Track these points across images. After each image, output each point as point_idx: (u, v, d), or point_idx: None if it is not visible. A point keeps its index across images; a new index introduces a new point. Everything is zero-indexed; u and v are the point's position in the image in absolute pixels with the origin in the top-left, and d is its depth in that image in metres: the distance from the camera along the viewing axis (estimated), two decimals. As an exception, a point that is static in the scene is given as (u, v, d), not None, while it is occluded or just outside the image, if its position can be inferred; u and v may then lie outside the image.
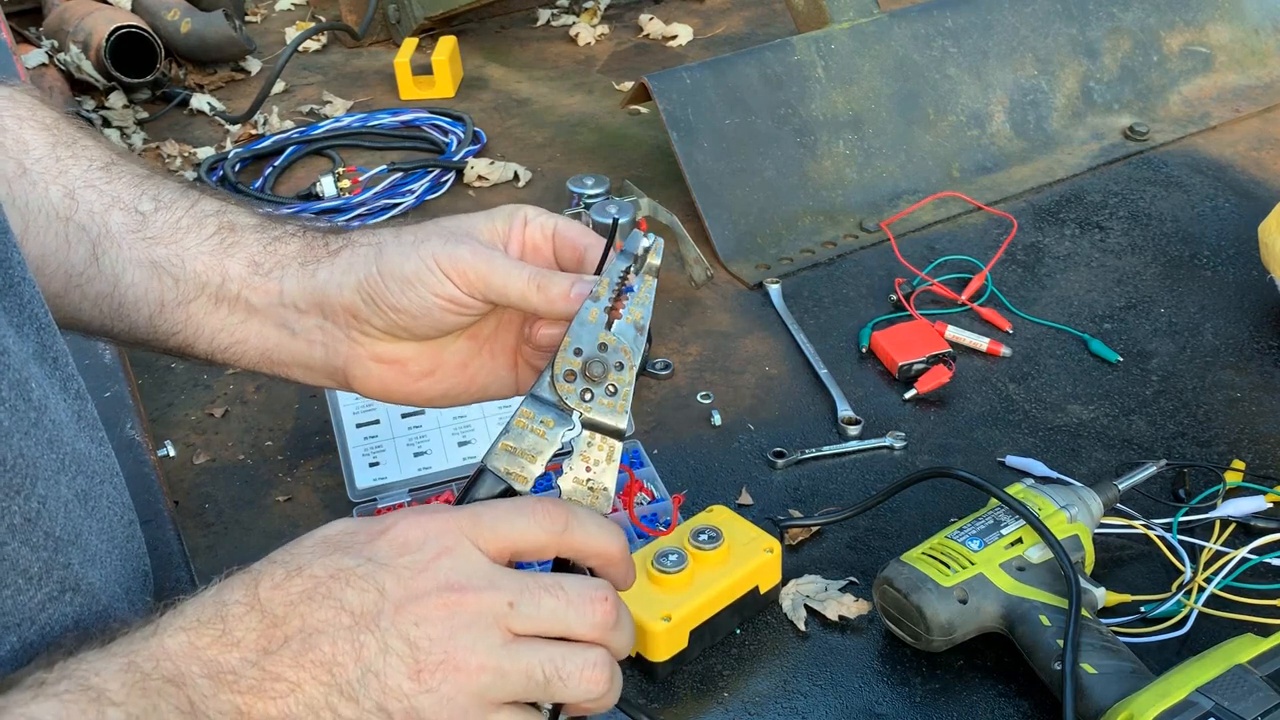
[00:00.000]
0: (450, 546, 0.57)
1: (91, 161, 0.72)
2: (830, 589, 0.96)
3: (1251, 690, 0.77)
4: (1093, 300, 1.32)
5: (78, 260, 0.70)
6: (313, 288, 0.70)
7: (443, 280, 0.66)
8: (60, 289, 0.71)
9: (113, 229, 0.71)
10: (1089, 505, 0.95)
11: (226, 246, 0.71)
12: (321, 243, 0.71)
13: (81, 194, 0.71)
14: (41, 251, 0.70)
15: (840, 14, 1.57)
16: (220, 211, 0.72)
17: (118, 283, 0.71)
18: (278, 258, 0.71)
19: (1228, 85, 1.71)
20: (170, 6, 1.98)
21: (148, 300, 0.71)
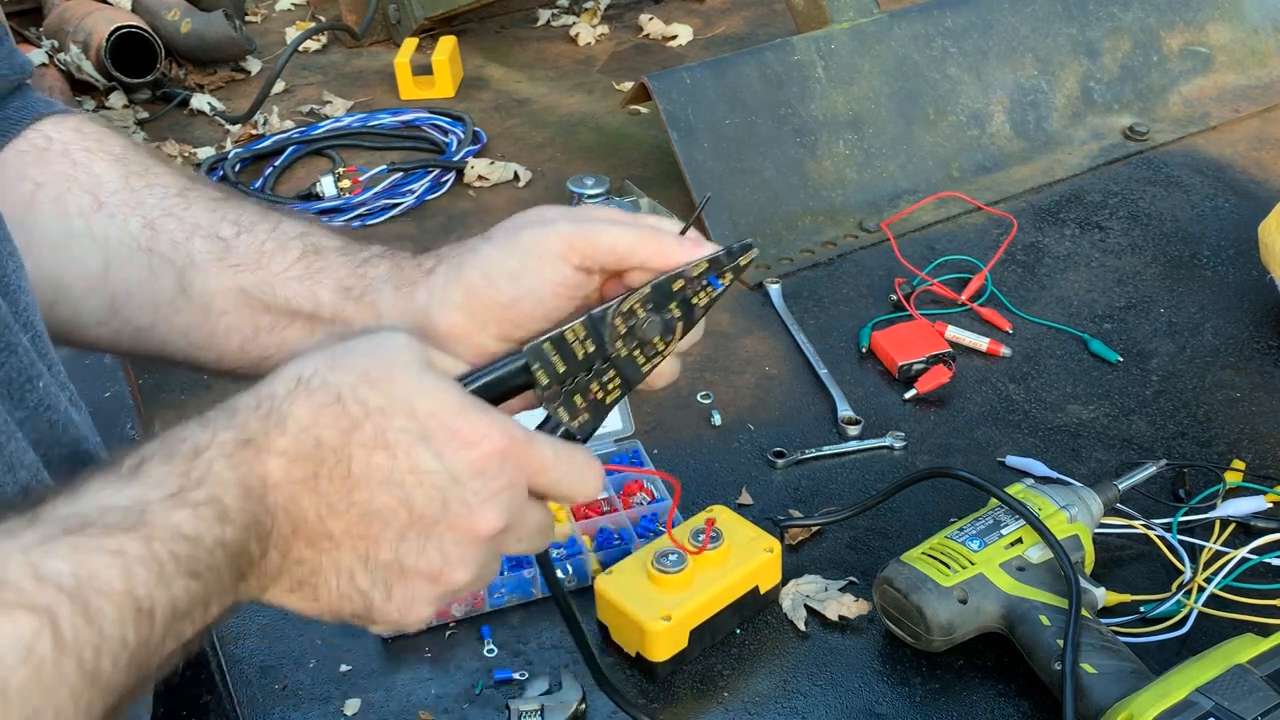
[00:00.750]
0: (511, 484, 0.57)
1: (166, 189, 0.72)
2: (830, 589, 0.96)
3: (1251, 690, 0.77)
4: (1093, 300, 1.32)
5: (164, 290, 0.70)
6: (414, 312, 0.67)
7: (552, 261, 0.65)
8: (148, 321, 0.70)
9: (197, 258, 0.70)
10: (1089, 505, 0.95)
11: (314, 271, 0.69)
12: (413, 264, 0.69)
13: (161, 223, 0.70)
14: (126, 286, 0.70)
15: (840, 14, 1.57)
16: (304, 234, 0.71)
17: (208, 312, 0.70)
18: (368, 281, 0.69)
19: (1228, 85, 1.71)
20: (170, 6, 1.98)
21: (239, 327, 0.70)
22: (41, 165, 0.72)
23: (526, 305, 0.65)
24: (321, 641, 0.95)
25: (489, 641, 0.94)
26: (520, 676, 0.91)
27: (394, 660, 0.93)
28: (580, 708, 0.86)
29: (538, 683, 0.88)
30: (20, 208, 0.70)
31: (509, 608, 0.97)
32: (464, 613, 0.96)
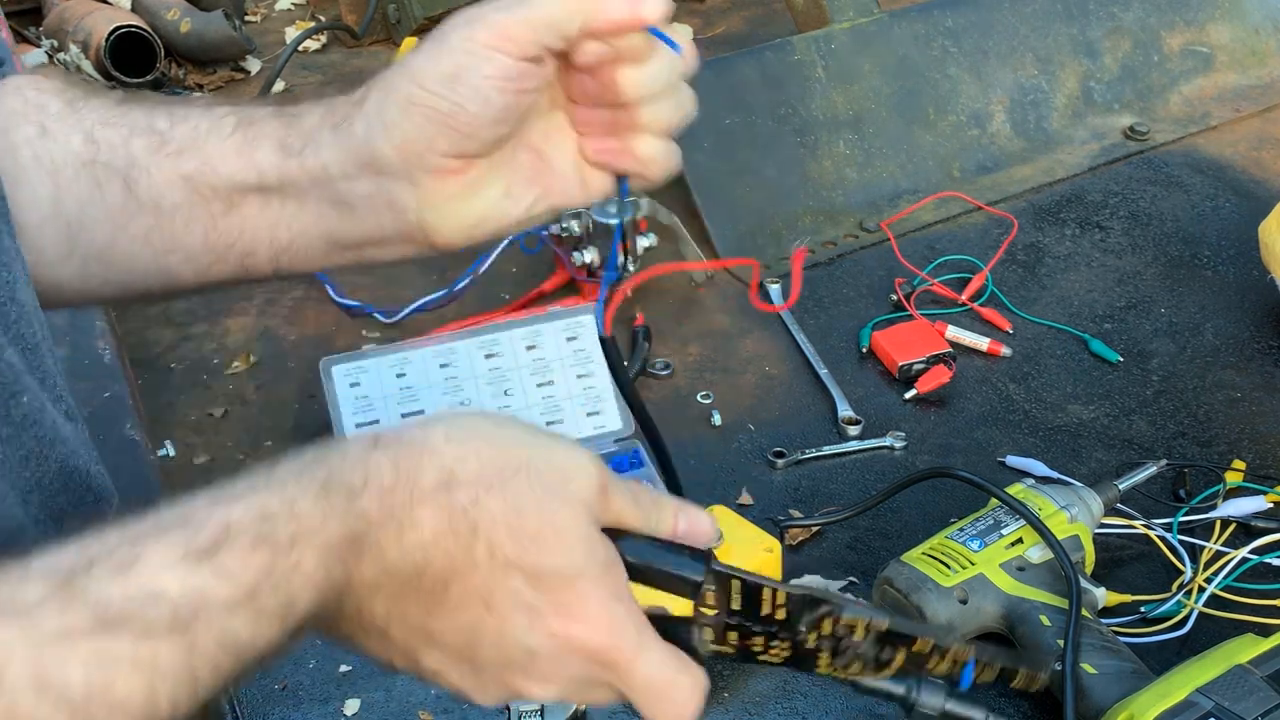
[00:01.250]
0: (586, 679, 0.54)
1: (105, 102, 0.70)
2: (830, 589, 0.96)
3: (1252, 690, 0.77)
4: (1093, 300, 1.32)
5: (114, 199, 0.67)
6: (354, 146, 0.64)
7: (488, 55, 0.60)
8: (106, 240, 0.68)
9: (137, 156, 0.67)
10: (1089, 505, 0.95)
11: (250, 140, 0.66)
12: (344, 99, 0.65)
13: (99, 133, 0.68)
14: (79, 205, 0.68)
15: (840, 14, 1.57)
16: (237, 109, 0.68)
17: (159, 210, 0.68)
18: (303, 132, 0.66)
19: (1228, 85, 1.71)
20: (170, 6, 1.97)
21: (197, 219, 0.67)
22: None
23: (472, 108, 0.61)
24: (322, 641, 0.95)
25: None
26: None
27: (394, 660, 0.93)
28: (580, 708, 0.86)
29: (537, 683, 0.88)
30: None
31: (509, 608, 0.97)
32: (464, 613, 0.96)
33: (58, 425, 0.58)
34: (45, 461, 0.57)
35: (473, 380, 1.09)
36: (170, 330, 1.34)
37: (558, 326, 1.13)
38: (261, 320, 1.35)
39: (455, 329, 1.19)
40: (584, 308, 1.14)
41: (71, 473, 0.59)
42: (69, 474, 0.58)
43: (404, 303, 1.33)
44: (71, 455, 0.59)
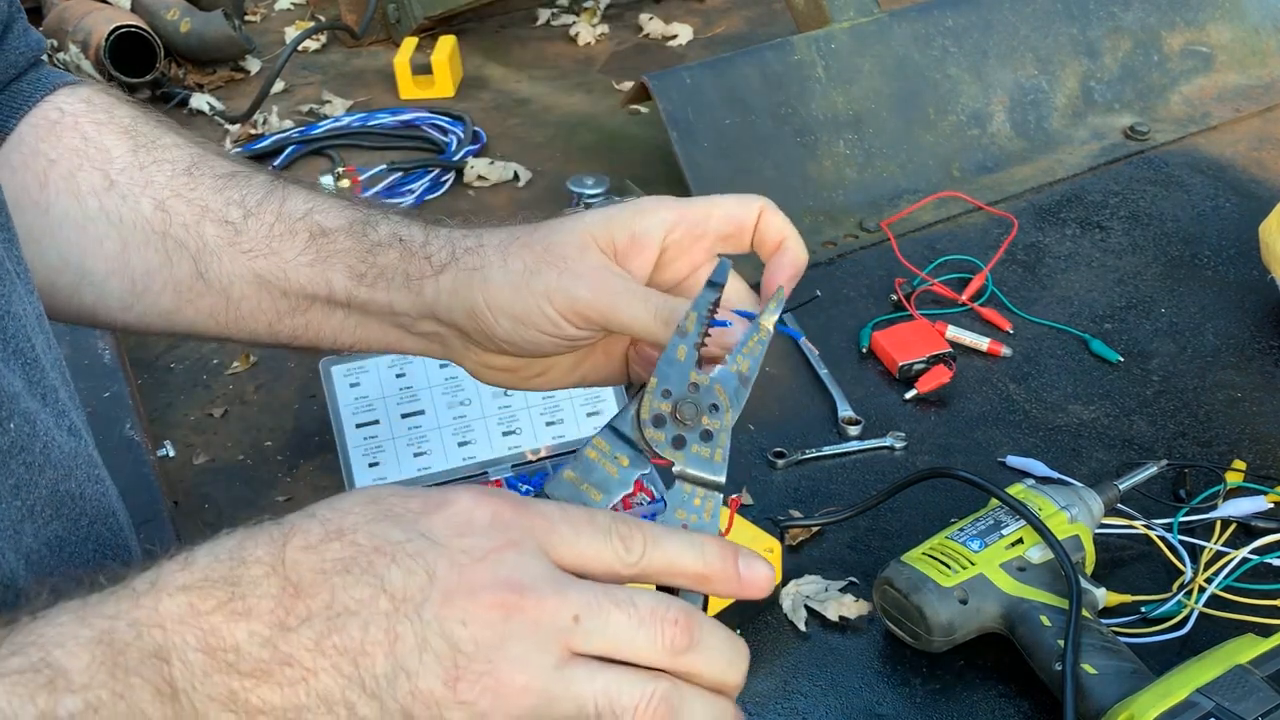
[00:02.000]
0: (516, 541, 0.49)
1: (174, 165, 0.71)
2: (830, 589, 0.96)
3: (1252, 691, 0.77)
4: (1093, 300, 1.32)
5: (183, 276, 0.69)
6: (422, 304, 0.67)
7: (557, 321, 0.63)
8: (171, 305, 0.70)
9: (209, 243, 0.69)
10: (1089, 505, 0.94)
11: (324, 256, 0.69)
12: (423, 255, 0.67)
13: (171, 205, 0.69)
14: (146, 267, 0.69)
15: (840, 14, 1.57)
16: (308, 213, 0.70)
17: (228, 297, 0.70)
18: (378, 269, 0.68)
19: (1228, 85, 1.71)
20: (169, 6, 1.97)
21: (263, 310, 0.70)
22: (54, 140, 0.71)
23: (523, 345, 0.66)
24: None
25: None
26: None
27: (393, 661, 0.93)
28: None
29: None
30: (36, 187, 0.70)
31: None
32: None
33: (50, 448, 0.56)
34: (35, 489, 0.55)
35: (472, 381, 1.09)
36: (170, 330, 1.34)
37: (558, 326, 1.13)
38: (261, 320, 1.35)
39: (455, 329, 1.19)
40: (584, 308, 1.14)
41: (64, 498, 0.57)
42: (60, 499, 0.57)
43: (404, 303, 1.33)
44: (64, 479, 0.57)
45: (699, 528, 0.56)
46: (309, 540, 0.49)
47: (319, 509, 0.51)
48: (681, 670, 0.50)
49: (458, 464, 1.07)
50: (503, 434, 1.08)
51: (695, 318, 0.58)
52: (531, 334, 0.64)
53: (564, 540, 0.51)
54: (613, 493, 0.56)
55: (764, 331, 0.60)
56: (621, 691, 0.49)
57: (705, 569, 0.53)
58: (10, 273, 0.58)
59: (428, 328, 0.69)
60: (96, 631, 0.44)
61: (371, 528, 0.49)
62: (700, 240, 0.67)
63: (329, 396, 1.07)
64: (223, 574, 0.47)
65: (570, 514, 0.52)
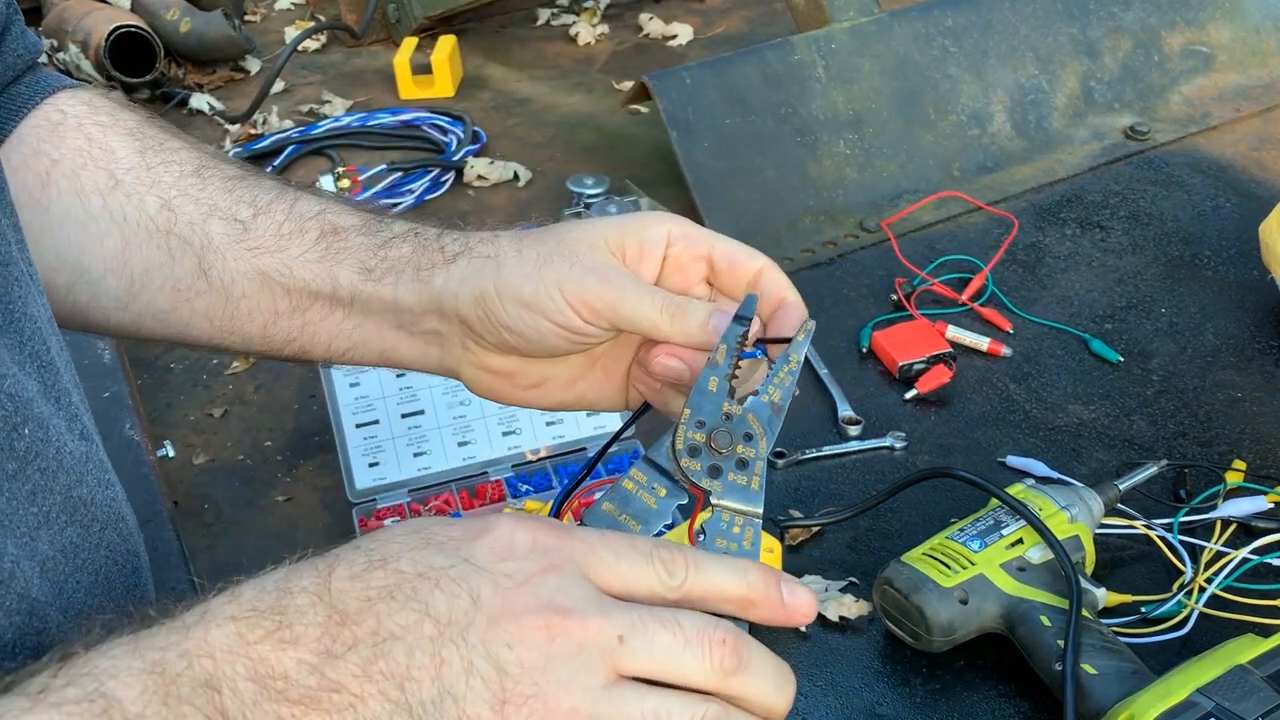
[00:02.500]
0: (558, 564, 0.50)
1: (182, 167, 0.70)
2: (830, 589, 0.96)
3: (1252, 691, 0.77)
4: (1093, 300, 1.32)
5: (184, 274, 0.69)
6: (429, 295, 0.67)
7: (564, 310, 0.63)
8: (168, 304, 0.69)
9: (215, 240, 0.69)
10: (1090, 505, 0.94)
11: (334, 252, 0.68)
12: (436, 246, 0.67)
13: (178, 204, 0.69)
14: (146, 265, 0.69)
15: (840, 13, 1.57)
16: (320, 213, 0.69)
17: (228, 295, 0.69)
18: (389, 263, 0.68)
19: (1229, 85, 1.71)
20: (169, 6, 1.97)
21: (261, 310, 0.69)
22: (56, 140, 0.70)
23: (529, 335, 0.65)
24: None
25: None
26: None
27: (393, 661, 0.93)
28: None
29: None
30: (37, 186, 0.69)
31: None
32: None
33: (62, 454, 0.56)
34: (50, 495, 0.55)
35: (472, 380, 1.09)
36: (170, 330, 1.34)
37: (558, 326, 1.13)
38: (261, 320, 1.35)
39: (455, 329, 1.19)
40: (584, 308, 1.14)
41: (76, 504, 0.57)
42: (74, 505, 0.57)
43: (404, 303, 1.33)
44: (76, 484, 0.57)
45: (739, 555, 0.56)
46: (353, 570, 0.48)
47: (363, 541, 0.50)
48: (730, 693, 0.50)
49: (458, 464, 1.07)
50: (503, 434, 1.08)
51: (725, 350, 0.60)
52: (539, 322, 0.63)
53: (605, 564, 0.51)
54: (651, 523, 0.57)
55: (794, 363, 0.61)
56: (671, 713, 0.48)
57: (749, 593, 0.53)
58: (24, 274, 0.58)
59: (429, 325, 0.68)
60: (148, 662, 0.44)
61: (414, 555, 0.49)
62: (697, 262, 0.67)
63: (329, 396, 1.07)
64: (269, 604, 0.47)
65: (610, 539, 0.52)
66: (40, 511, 0.54)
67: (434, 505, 1.04)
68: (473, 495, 1.05)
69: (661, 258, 0.66)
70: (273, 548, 1.04)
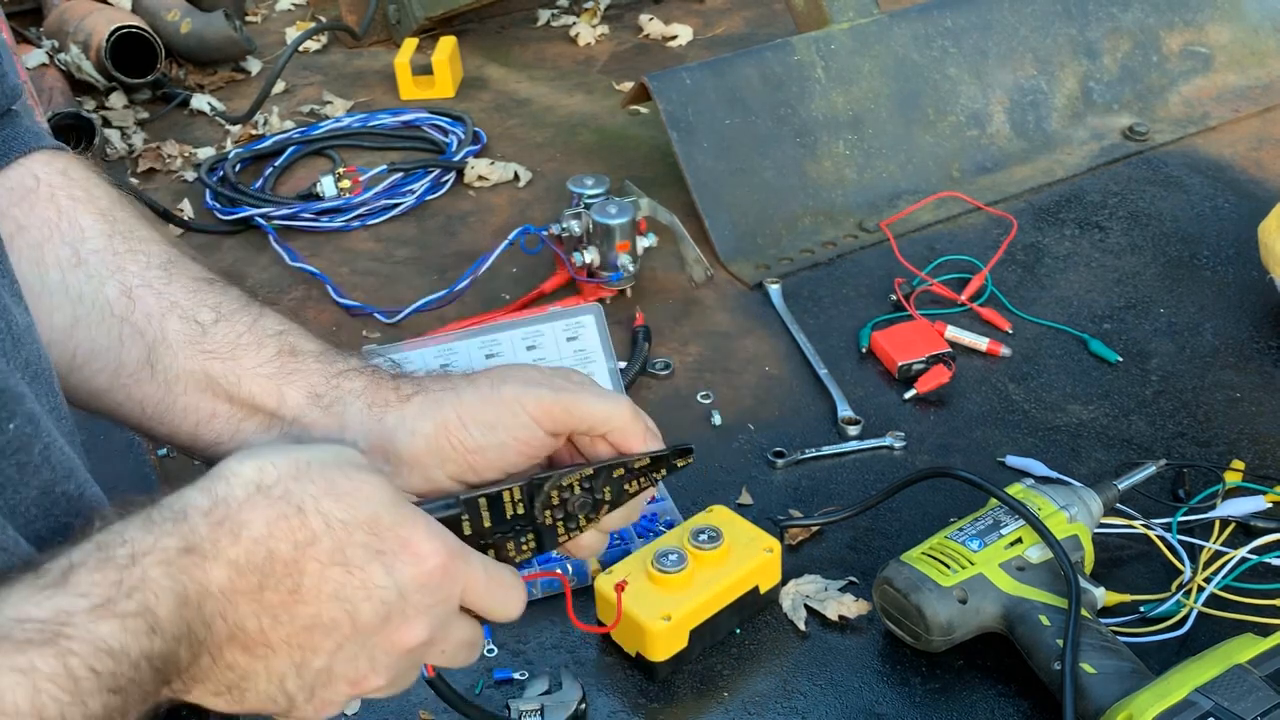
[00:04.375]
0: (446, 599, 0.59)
1: (150, 258, 0.71)
2: (830, 589, 0.96)
3: (1251, 690, 0.77)
4: (1092, 300, 1.32)
5: (130, 360, 0.69)
6: (379, 433, 0.68)
7: (529, 425, 0.66)
8: (106, 385, 0.70)
9: (169, 336, 0.69)
10: (1089, 505, 0.95)
11: (287, 372, 0.69)
12: (391, 385, 0.69)
13: (139, 294, 0.69)
14: (92, 346, 0.69)
15: (840, 14, 1.57)
16: (282, 333, 0.70)
17: (170, 389, 0.69)
18: (340, 392, 0.69)
19: (1227, 85, 1.71)
20: (170, 7, 1.98)
21: (198, 410, 0.70)
22: (26, 207, 0.70)
23: (490, 454, 0.67)
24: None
25: (489, 641, 0.94)
26: (520, 676, 0.91)
27: (394, 660, 0.93)
28: (580, 707, 0.86)
29: (538, 682, 0.88)
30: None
31: (509, 607, 0.97)
32: (464, 613, 0.96)
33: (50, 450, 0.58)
34: (24, 489, 0.56)
35: (473, 380, 1.09)
36: (171, 330, 1.34)
37: (558, 326, 1.13)
38: (262, 320, 1.35)
39: (455, 329, 1.19)
40: (584, 308, 1.14)
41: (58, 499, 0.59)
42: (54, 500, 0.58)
43: (405, 303, 1.34)
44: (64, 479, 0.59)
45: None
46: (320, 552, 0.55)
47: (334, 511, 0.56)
48: None
49: (458, 464, 1.07)
50: (503, 434, 1.08)
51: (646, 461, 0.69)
52: (502, 436, 0.66)
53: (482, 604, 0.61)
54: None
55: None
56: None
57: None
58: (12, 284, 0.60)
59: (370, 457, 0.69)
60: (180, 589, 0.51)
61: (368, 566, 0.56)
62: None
63: (330, 396, 1.07)
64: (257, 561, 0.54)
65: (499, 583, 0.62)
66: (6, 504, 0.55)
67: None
68: (473, 495, 1.05)
69: None
70: (274, 547, 1.05)
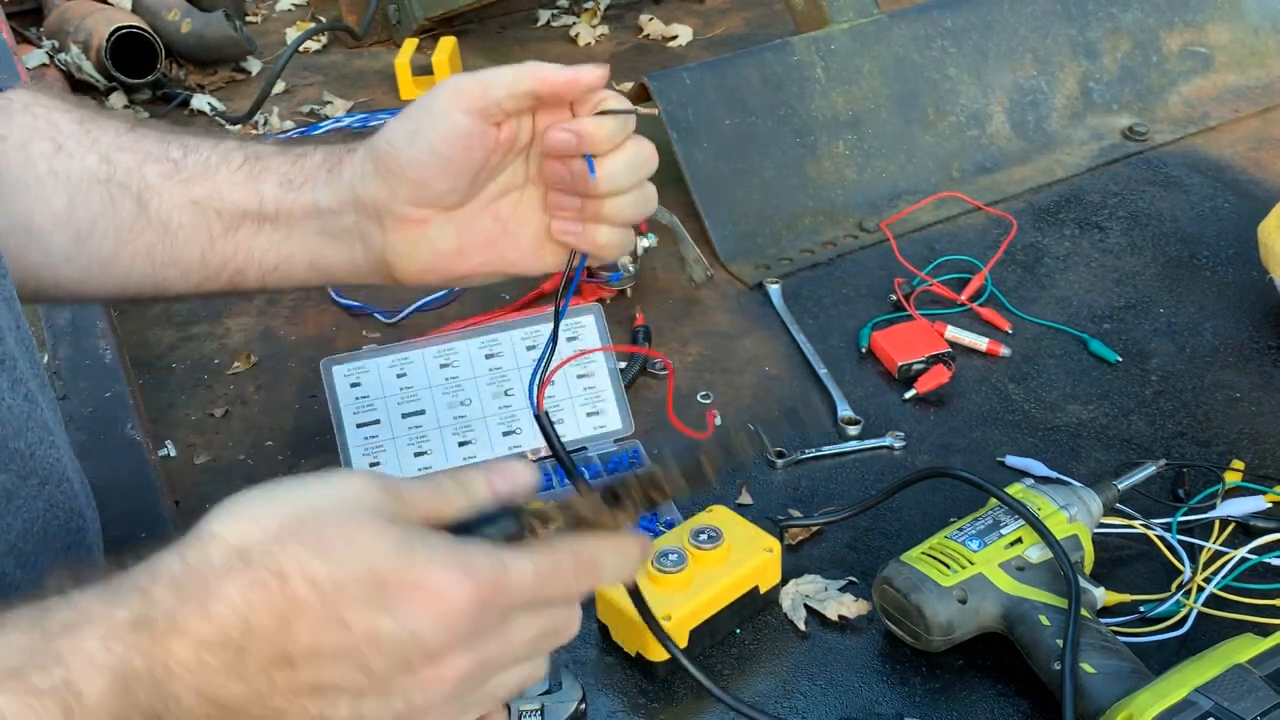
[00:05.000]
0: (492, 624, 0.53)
1: (118, 128, 0.78)
2: (830, 589, 0.96)
3: (1251, 690, 0.77)
4: (1092, 300, 1.32)
5: (125, 215, 0.76)
6: (341, 188, 0.75)
7: (444, 114, 0.70)
8: (111, 251, 0.76)
9: (151, 180, 0.76)
10: (1088, 505, 0.95)
11: (256, 173, 0.76)
12: (343, 149, 0.77)
13: (115, 156, 0.76)
14: (89, 215, 0.75)
15: (840, 14, 1.57)
16: (243, 145, 0.78)
17: (166, 228, 0.76)
18: (305, 172, 0.76)
19: (1227, 85, 1.71)
20: (170, 7, 1.98)
21: (197, 237, 0.76)
22: (4, 119, 0.77)
23: (428, 161, 0.71)
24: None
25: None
26: (520, 676, 0.91)
27: (394, 660, 0.93)
28: (580, 707, 0.86)
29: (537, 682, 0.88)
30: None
31: (509, 607, 0.97)
32: (464, 612, 0.96)
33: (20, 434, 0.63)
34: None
35: (473, 380, 1.10)
36: (171, 330, 1.35)
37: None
38: (262, 320, 1.35)
39: (456, 329, 1.19)
40: (584, 307, 1.15)
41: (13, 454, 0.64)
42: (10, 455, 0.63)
43: (404, 303, 1.34)
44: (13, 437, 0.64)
45: None
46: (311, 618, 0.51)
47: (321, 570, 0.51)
48: None
49: (458, 463, 1.07)
50: (503, 434, 1.09)
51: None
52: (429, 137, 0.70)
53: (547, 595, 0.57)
54: None
55: None
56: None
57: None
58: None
59: (348, 221, 0.76)
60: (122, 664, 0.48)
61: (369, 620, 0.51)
62: None
63: (329, 396, 1.07)
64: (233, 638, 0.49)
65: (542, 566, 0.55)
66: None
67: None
68: (473, 495, 1.06)
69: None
70: (274, 547, 1.05)
